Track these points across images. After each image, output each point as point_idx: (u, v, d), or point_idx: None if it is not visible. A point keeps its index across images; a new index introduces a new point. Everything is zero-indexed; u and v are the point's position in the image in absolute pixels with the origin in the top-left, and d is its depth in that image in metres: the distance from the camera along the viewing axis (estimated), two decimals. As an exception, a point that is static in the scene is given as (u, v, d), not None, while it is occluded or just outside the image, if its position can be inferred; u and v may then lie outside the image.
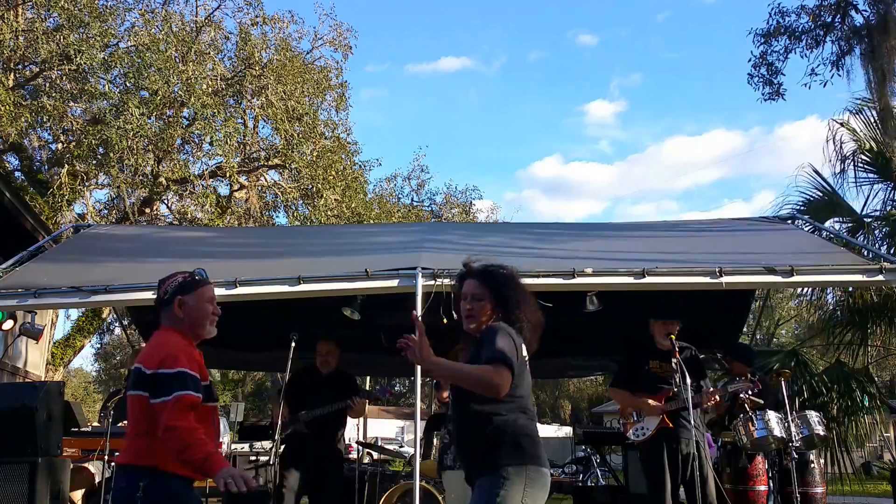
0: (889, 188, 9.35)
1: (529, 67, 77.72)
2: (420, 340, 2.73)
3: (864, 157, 9.43)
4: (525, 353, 2.92)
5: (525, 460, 2.77)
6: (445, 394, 5.29)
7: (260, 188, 16.22)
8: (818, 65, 11.10)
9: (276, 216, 17.27)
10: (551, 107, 80.00)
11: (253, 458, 9.21)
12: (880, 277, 4.83)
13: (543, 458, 2.84)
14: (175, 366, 2.75)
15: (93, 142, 12.00)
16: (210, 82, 12.95)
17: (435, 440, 5.66)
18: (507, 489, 2.70)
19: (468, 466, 2.92)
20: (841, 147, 9.44)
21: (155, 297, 3.02)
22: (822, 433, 5.26)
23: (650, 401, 4.94)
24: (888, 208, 9.24)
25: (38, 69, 12.45)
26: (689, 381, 4.62)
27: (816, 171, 9.29)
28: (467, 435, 2.91)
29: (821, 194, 9.26)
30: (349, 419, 5.69)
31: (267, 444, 8.52)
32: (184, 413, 2.69)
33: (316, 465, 5.31)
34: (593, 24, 79.53)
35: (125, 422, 3.73)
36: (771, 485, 5.48)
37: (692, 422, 4.70)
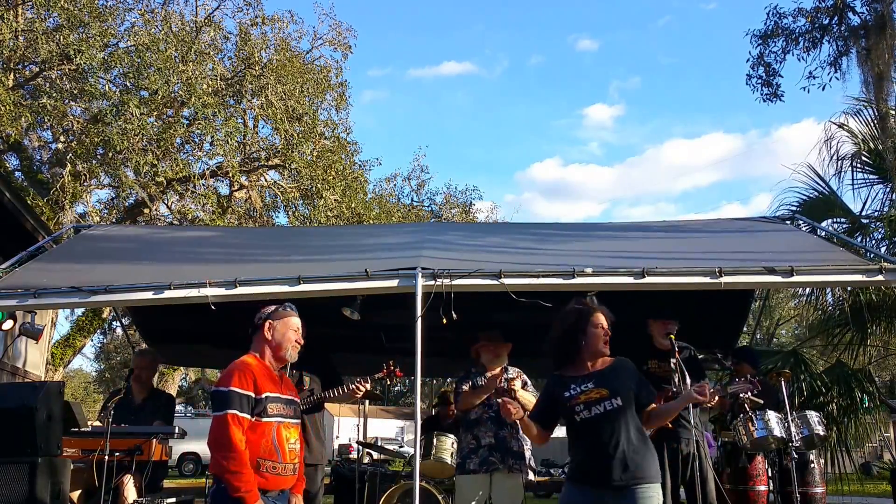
0: (888, 188, 9.34)
1: (530, 72, 77.89)
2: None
3: (864, 157, 9.41)
4: None
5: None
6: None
7: (260, 188, 16.23)
8: (816, 67, 11.10)
9: (276, 216, 17.29)
10: (550, 110, 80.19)
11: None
12: (880, 277, 4.82)
13: None
14: (228, 384, 3.11)
15: (94, 141, 12.00)
16: (210, 82, 12.95)
17: (435, 440, 5.65)
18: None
19: (620, 477, 3.30)
20: (838, 149, 9.43)
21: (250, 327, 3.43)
22: (822, 433, 5.26)
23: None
24: (886, 209, 9.22)
25: (38, 69, 12.45)
26: (688, 381, 4.61)
27: (814, 171, 9.27)
28: (633, 446, 3.36)
29: (818, 194, 9.23)
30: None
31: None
32: (227, 430, 3.03)
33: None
34: (594, 28, 79.82)
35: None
36: (771, 485, 5.48)
37: (692, 421, 4.70)
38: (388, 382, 5.13)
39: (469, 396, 5.12)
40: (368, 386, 5.00)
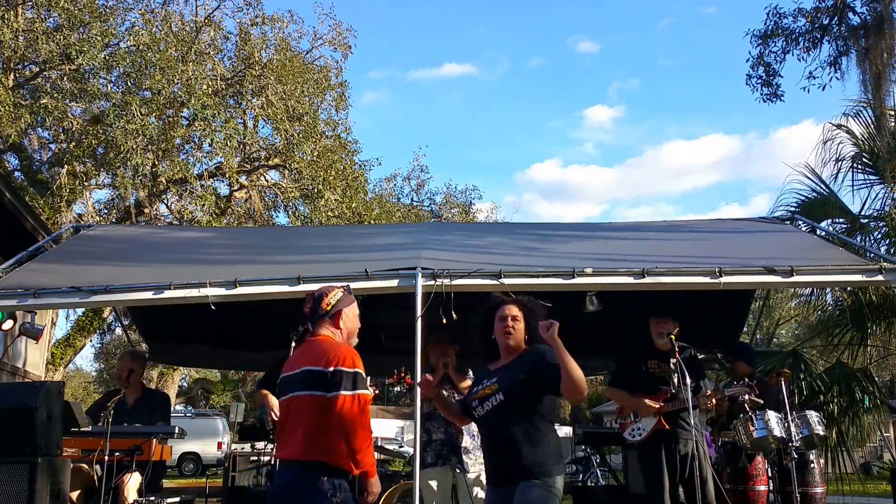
0: (888, 189, 9.32)
1: (530, 73, 77.94)
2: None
3: (863, 158, 9.39)
4: None
5: (563, 470, 3.34)
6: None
7: (260, 188, 16.24)
8: (816, 68, 11.07)
9: (277, 216, 17.30)
10: (550, 111, 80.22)
11: (254, 458, 9.17)
12: (880, 277, 4.83)
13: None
14: (354, 366, 3.08)
15: (93, 142, 12.01)
16: (210, 82, 12.95)
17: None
18: (556, 495, 3.21)
19: (509, 473, 3.27)
20: (837, 150, 9.40)
21: (309, 308, 3.29)
22: (822, 433, 5.25)
23: (648, 401, 4.93)
24: (887, 208, 9.22)
25: (38, 69, 12.46)
26: (688, 380, 4.61)
27: (813, 171, 9.23)
28: (519, 442, 3.27)
29: (817, 195, 9.20)
30: None
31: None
32: (363, 411, 3.03)
33: None
34: (594, 30, 79.79)
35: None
36: (771, 485, 5.47)
37: (691, 422, 4.70)
38: (397, 389, 5.13)
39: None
40: (376, 391, 5.01)
